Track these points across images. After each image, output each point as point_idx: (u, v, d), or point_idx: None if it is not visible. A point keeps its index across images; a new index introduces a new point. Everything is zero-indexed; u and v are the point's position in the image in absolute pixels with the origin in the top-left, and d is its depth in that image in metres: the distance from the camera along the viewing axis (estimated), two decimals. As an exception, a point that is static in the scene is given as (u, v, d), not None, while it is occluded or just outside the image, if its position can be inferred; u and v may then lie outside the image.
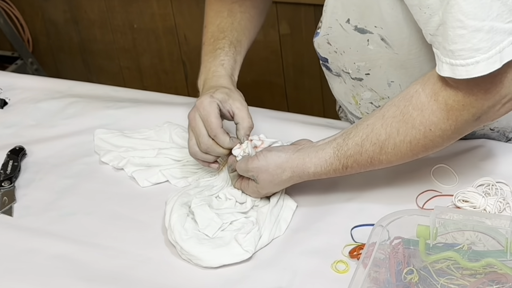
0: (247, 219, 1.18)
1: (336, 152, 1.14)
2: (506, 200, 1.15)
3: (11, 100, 1.57)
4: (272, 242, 1.16)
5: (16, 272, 1.15)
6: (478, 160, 1.26)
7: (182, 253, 1.14)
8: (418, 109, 1.07)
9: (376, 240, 1.03)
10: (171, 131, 1.37)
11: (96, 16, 2.69)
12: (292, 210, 1.20)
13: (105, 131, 1.41)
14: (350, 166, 1.14)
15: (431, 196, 1.20)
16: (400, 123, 1.09)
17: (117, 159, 1.34)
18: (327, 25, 1.22)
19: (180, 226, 1.15)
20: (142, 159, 1.33)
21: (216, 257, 1.12)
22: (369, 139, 1.12)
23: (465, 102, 1.04)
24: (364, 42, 1.20)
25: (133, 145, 1.36)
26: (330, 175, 1.16)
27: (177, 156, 1.32)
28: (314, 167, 1.16)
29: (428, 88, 1.07)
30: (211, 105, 1.20)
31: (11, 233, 1.22)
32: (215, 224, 1.16)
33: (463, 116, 1.05)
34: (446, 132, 1.07)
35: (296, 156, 1.16)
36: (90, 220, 1.23)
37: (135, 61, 2.72)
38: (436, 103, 1.06)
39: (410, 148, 1.10)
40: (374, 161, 1.13)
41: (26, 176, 1.35)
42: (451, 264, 1.03)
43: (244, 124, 1.23)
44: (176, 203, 1.18)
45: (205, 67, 1.30)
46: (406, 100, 1.09)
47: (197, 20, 2.51)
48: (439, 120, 1.06)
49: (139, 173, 1.30)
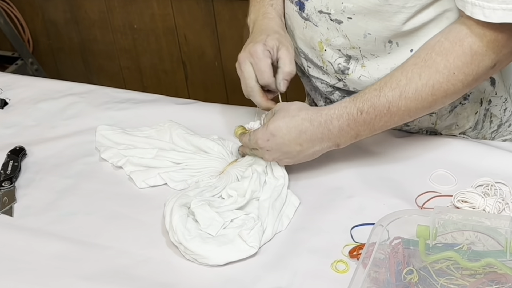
0: (247, 215, 1.18)
1: (353, 98, 1.18)
2: (505, 201, 1.15)
3: (11, 100, 1.57)
4: (272, 241, 1.16)
5: (16, 272, 1.15)
6: (478, 160, 1.26)
7: (187, 253, 1.14)
8: (442, 54, 1.13)
9: (376, 240, 1.03)
10: (172, 131, 1.37)
11: (96, 16, 2.70)
12: (294, 207, 1.21)
13: (107, 127, 1.41)
14: (366, 111, 1.16)
15: (430, 197, 1.20)
16: (423, 68, 1.14)
17: (117, 156, 1.34)
18: None
19: (183, 226, 1.15)
20: (141, 159, 1.33)
21: (222, 254, 1.12)
22: (388, 84, 1.16)
23: (488, 47, 1.11)
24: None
25: (133, 142, 1.37)
26: (343, 122, 1.18)
27: (177, 159, 1.32)
28: (328, 109, 1.18)
29: (451, 36, 1.13)
30: (264, 54, 1.24)
31: (11, 233, 1.22)
32: (217, 223, 1.17)
33: (484, 62, 1.12)
34: (468, 77, 1.13)
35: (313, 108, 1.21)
36: (90, 220, 1.24)
37: (135, 61, 2.72)
38: (461, 48, 1.12)
39: (432, 92, 1.14)
40: (392, 107, 1.15)
41: (26, 176, 1.35)
42: (450, 264, 1.03)
43: (285, 68, 1.26)
44: (175, 204, 1.18)
45: (254, 6, 1.33)
46: (428, 49, 1.15)
47: (197, 20, 2.52)
48: (463, 64, 1.12)
49: (137, 174, 1.30)
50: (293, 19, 1.31)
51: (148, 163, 1.32)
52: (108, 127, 1.41)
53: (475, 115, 1.32)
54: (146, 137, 1.38)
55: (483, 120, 1.34)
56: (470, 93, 1.29)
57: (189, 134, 1.36)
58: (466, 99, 1.30)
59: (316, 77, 1.34)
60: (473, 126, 1.34)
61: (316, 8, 1.25)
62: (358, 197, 1.22)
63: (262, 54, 1.24)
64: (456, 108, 1.30)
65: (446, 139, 1.31)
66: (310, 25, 1.27)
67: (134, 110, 1.49)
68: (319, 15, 1.25)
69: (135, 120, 1.45)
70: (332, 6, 1.22)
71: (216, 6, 2.45)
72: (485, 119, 1.34)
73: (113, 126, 1.42)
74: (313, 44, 1.30)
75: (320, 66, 1.31)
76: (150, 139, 1.38)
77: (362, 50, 1.24)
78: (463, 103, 1.30)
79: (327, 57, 1.29)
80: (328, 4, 1.23)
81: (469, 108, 1.32)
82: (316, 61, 1.32)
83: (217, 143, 1.33)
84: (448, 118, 1.32)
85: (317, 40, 1.28)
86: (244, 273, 1.11)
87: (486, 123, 1.35)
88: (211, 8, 2.45)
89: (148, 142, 1.37)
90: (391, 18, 1.18)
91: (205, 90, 2.67)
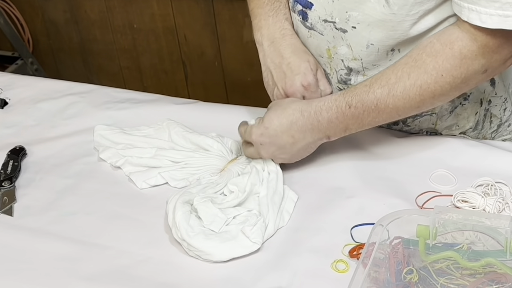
0: (250, 212, 1.19)
1: (343, 92, 1.20)
2: (505, 200, 1.15)
3: (11, 100, 1.57)
4: (272, 241, 1.16)
5: (16, 272, 1.15)
6: (478, 160, 1.26)
7: (190, 250, 1.14)
8: (432, 55, 1.13)
9: (376, 240, 1.03)
10: (171, 130, 1.37)
11: (96, 16, 2.69)
12: (293, 202, 1.22)
13: (105, 127, 1.41)
14: (354, 106, 1.17)
15: (430, 196, 1.20)
16: (412, 68, 1.15)
17: (115, 156, 1.34)
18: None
19: (186, 223, 1.15)
20: (140, 159, 1.33)
21: (225, 250, 1.13)
22: (378, 81, 1.17)
23: (478, 52, 1.11)
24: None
25: (132, 142, 1.37)
26: (332, 114, 1.19)
27: (176, 157, 1.32)
28: (318, 101, 1.20)
29: (443, 38, 1.13)
30: (316, 84, 1.27)
31: (11, 233, 1.22)
32: (220, 219, 1.17)
33: (473, 66, 1.12)
34: (456, 80, 1.13)
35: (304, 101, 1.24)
36: (90, 220, 1.24)
37: (135, 61, 2.72)
38: (451, 51, 1.12)
39: (419, 92, 1.15)
40: (380, 104, 1.16)
41: (26, 176, 1.35)
42: (450, 264, 1.03)
43: (327, 91, 1.28)
44: (178, 202, 1.18)
45: (265, 20, 1.32)
46: (419, 50, 1.15)
47: (197, 20, 2.52)
48: (452, 67, 1.12)
49: (137, 175, 1.30)
50: (298, 29, 1.31)
51: (147, 163, 1.32)
52: (106, 126, 1.41)
53: (475, 115, 1.32)
54: (144, 136, 1.38)
55: (483, 120, 1.34)
56: (470, 93, 1.29)
57: (187, 132, 1.36)
58: (466, 99, 1.30)
59: None
60: (473, 127, 1.34)
61: (321, 17, 1.24)
62: (358, 197, 1.22)
63: (316, 86, 1.27)
64: (457, 108, 1.30)
65: (446, 139, 1.31)
66: (315, 34, 1.27)
67: (134, 110, 1.49)
68: (323, 24, 1.25)
69: (135, 120, 1.45)
70: (336, 15, 1.22)
71: (216, 6, 2.45)
72: (485, 119, 1.34)
73: (111, 126, 1.42)
74: (320, 52, 1.30)
75: (327, 73, 1.32)
76: (149, 138, 1.37)
77: (364, 62, 1.24)
78: (463, 104, 1.30)
79: (334, 65, 1.29)
80: (333, 13, 1.22)
81: (469, 109, 1.31)
82: (325, 68, 1.32)
83: (216, 140, 1.33)
84: (448, 119, 1.32)
85: (324, 48, 1.28)
86: (244, 273, 1.11)
87: (486, 123, 1.35)
88: (211, 8, 2.45)
89: (147, 141, 1.37)
90: (395, 27, 1.18)
91: (205, 90, 2.67)
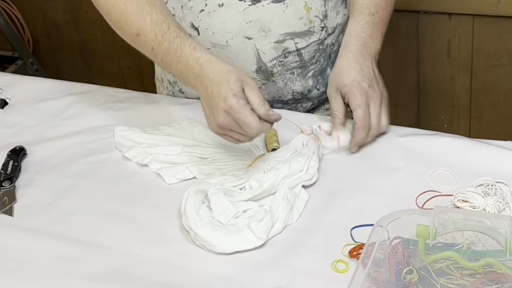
0: (261, 207, 1.19)
1: (356, 15, 1.37)
2: (505, 200, 1.15)
3: (11, 100, 1.57)
4: (272, 241, 1.16)
5: (16, 272, 1.15)
6: (478, 160, 1.26)
7: (196, 239, 1.15)
8: None
9: (375, 240, 1.03)
10: (193, 128, 1.37)
11: (96, 16, 2.67)
12: (304, 201, 1.22)
13: (125, 128, 1.40)
14: (376, 11, 1.36)
15: (430, 196, 1.20)
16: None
17: (141, 155, 1.34)
18: None
19: (195, 212, 1.16)
20: (167, 156, 1.33)
21: (229, 243, 1.13)
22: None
23: None
24: None
25: (155, 141, 1.36)
26: (370, 30, 1.35)
27: (203, 154, 1.32)
28: (355, 39, 1.36)
29: None
30: (239, 103, 1.15)
31: (11, 233, 1.22)
32: (229, 212, 1.18)
33: None
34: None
35: None
36: (90, 220, 1.24)
37: (135, 61, 2.72)
38: None
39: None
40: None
41: (27, 176, 1.35)
42: (450, 264, 1.03)
43: (260, 111, 1.18)
44: (192, 190, 1.19)
45: (178, 64, 1.23)
46: None
47: (197, 20, 2.51)
48: None
49: (165, 170, 1.30)
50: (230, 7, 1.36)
51: (174, 160, 1.32)
52: (126, 127, 1.40)
53: None
54: (167, 135, 1.38)
55: None
56: None
57: (210, 130, 1.35)
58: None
59: None
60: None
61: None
62: (358, 197, 1.22)
63: (241, 104, 1.15)
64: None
65: (446, 139, 1.31)
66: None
67: (134, 110, 1.49)
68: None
69: (135, 120, 1.45)
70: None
71: (216, 6, 2.44)
72: None
73: (131, 127, 1.40)
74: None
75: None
76: (172, 137, 1.37)
77: None
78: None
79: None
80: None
81: None
82: None
83: None
84: None
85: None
86: (244, 272, 1.11)
87: None
88: (211, 8, 2.45)
89: (170, 140, 1.36)
90: None
91: (205, 90, 2.66)
